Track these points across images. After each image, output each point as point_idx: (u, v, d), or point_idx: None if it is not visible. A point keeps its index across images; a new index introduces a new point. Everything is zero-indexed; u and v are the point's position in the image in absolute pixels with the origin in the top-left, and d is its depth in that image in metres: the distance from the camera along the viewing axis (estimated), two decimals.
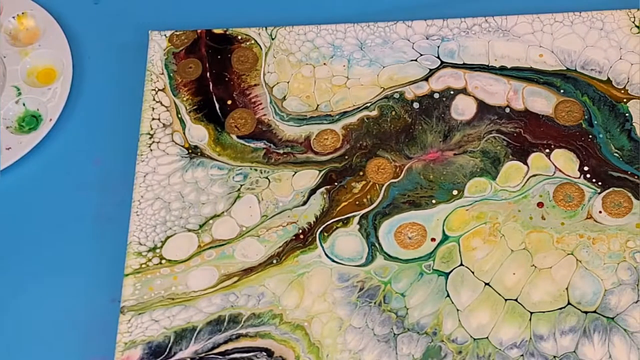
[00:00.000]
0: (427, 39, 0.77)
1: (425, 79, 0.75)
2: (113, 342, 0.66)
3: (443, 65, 0.76)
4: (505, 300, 0.66)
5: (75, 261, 0.72)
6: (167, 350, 0.66)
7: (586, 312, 0.65)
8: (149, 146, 0.74)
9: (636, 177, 0.69)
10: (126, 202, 0.72)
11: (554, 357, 0.64)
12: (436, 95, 0.74)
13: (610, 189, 0.69)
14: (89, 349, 0.68)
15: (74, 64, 0.79)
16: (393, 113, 0.74)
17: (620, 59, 0.74)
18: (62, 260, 0.72)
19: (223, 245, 0.69)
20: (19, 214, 0.74)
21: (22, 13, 0.82)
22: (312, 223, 0.70)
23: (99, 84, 0.80)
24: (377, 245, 0.69)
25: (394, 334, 0.65)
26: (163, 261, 0.69)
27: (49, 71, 0.80)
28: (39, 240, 0.73)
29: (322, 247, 0.69)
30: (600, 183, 0.69)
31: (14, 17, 0.82)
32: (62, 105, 0.77)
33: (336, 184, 0.71)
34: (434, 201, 0.70)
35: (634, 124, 0.72)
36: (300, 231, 0.70)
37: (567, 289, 0.66)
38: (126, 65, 0.79)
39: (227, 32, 0.79)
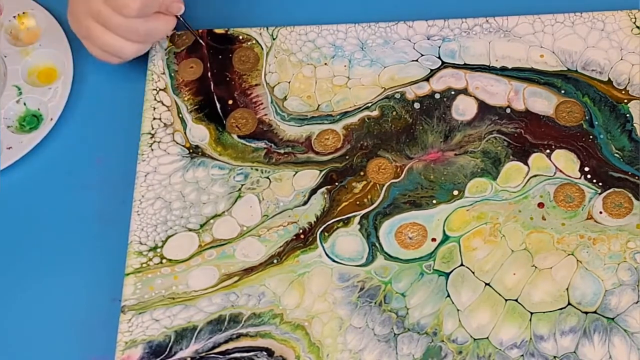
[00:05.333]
0: (428, 39, 0.77)
1: (426, 79, 0.75)
2: (113, 341, 0.66)
3: (444, 65, 0.76)
4: (506, 300, 0.66)
5: (76, 260, 0.72)
6: (168, 349, 0.66)
7: (586, 313, 0.65)
8: (150, 146, 0.74)
9: (637, 177, 0.69)
10: (127, 202, 0.72)
11: (554, 357, 0.64)
12: (437, 96, 0.74)
13: (611, 190, 0.69)
14: (90, 348, 0.68)
15: (74, 64, 0.79)
16: (394, 113, 0.74)
17: (621, 59, 0.74)
18: (62, 259, 0.72)
19: (224, 244, 0.69)
20: (19, 214, 0.74)
21: (23, 13, 0.82)
22: (313, 223, 0.70)
23: (99, 84, 0.80)
24: (377, 245, 0.69)
25: (394, 333, 0.65)
26: (164, 260, 0.69)
27: (49, 71, 0.80)
28: (39, 239, 0.73)
29: (323, 247, 0.69)
30: (600, 184, 0.70)
31: (14, 17, 0.82)
32: (63, 104, 0.77)
33: (337, 184, 0.71)
34: (434, 201, 0.70)
35: (634, 124, 0.72)
36: (301, 231, 0.70)
37: (567, 289, 0.66)
38: (127, 65, 0.79)
39: (229, 32, 0.79)
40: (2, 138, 0.76)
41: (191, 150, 0.74)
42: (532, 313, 0.65)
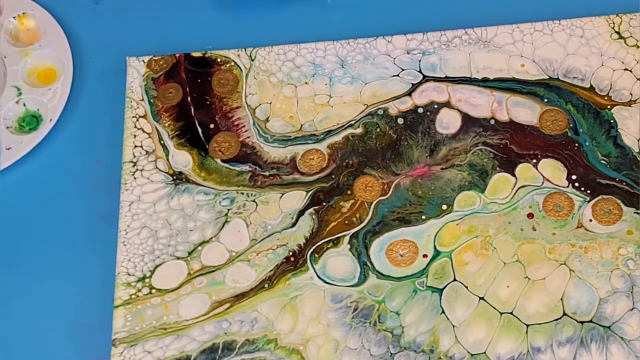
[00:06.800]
0: (408, 53, 0.76)
1: (408, 93, 0.75)
2: (109, 341, 0.66)
3: (425, 79, 0.75)
4: (501, 313, 0.65)
5: (75, 261, 0.71)
6: None
7: (582, 322, 0.65)
8: (133, 174, 0.73)
9: (624, 183, 0.69)
10: None
11: None
12: (420, 110, 0.74)
13: (600, 197, 0.69)
14: (90, 348, 0.68)
15: (74, 64, 0.79)
16: (378, 130, 0.74)
17: (602, 65, 0.74)
18: (61, 260, 0.72)
19: (213, 271, 0.69)
20: (19, 214, 0.74)
21: (23, 13, 0.82)
22: (302, 245, 0.69)
23: (99, 84, 0.79)
24: (368, 264, 0.68)
25: (391, 353, 0.65)
26: (153, 291, 0.68)
27: (49, 71, 0.80)
28: (38, 240, 0.73)
29: (314, 269, 0.68)
30: (589, 191, 0.69)
31: (14, 17, 0.82)
32: (62, 105, 0.77)
33: (324, 204, 0.71)
34: (423, 217, 0.69)
35: (619, 130, 0.72)
36: (291, 253, 0.69)
37: (561, 299, 0.66)
38: (126, 65, 0.78)
39: (206, 55, 0.78)
40: (2, 139, 0.76)
41: (175, 177, 0.73)
42: (527, 325, 0.65)
